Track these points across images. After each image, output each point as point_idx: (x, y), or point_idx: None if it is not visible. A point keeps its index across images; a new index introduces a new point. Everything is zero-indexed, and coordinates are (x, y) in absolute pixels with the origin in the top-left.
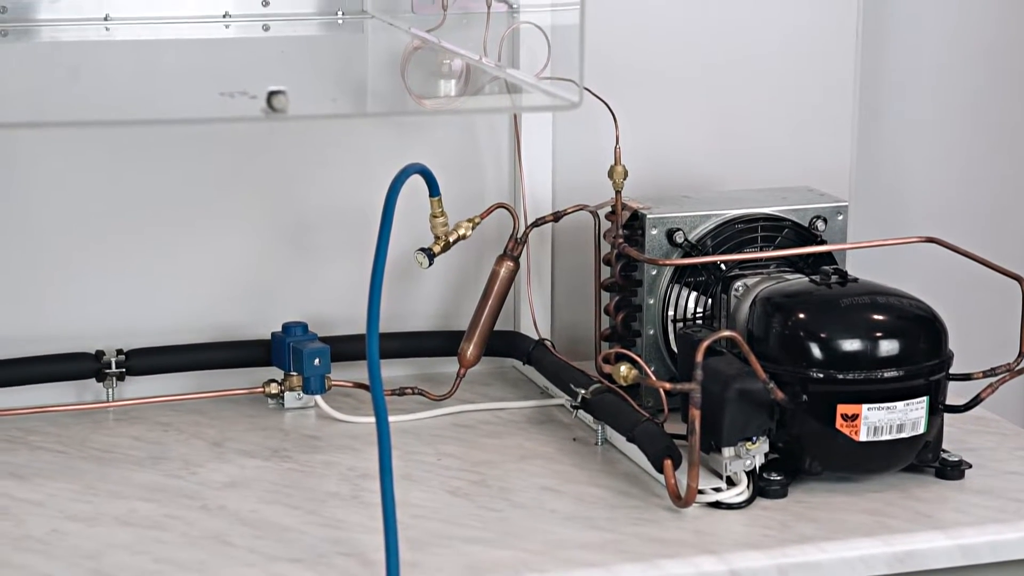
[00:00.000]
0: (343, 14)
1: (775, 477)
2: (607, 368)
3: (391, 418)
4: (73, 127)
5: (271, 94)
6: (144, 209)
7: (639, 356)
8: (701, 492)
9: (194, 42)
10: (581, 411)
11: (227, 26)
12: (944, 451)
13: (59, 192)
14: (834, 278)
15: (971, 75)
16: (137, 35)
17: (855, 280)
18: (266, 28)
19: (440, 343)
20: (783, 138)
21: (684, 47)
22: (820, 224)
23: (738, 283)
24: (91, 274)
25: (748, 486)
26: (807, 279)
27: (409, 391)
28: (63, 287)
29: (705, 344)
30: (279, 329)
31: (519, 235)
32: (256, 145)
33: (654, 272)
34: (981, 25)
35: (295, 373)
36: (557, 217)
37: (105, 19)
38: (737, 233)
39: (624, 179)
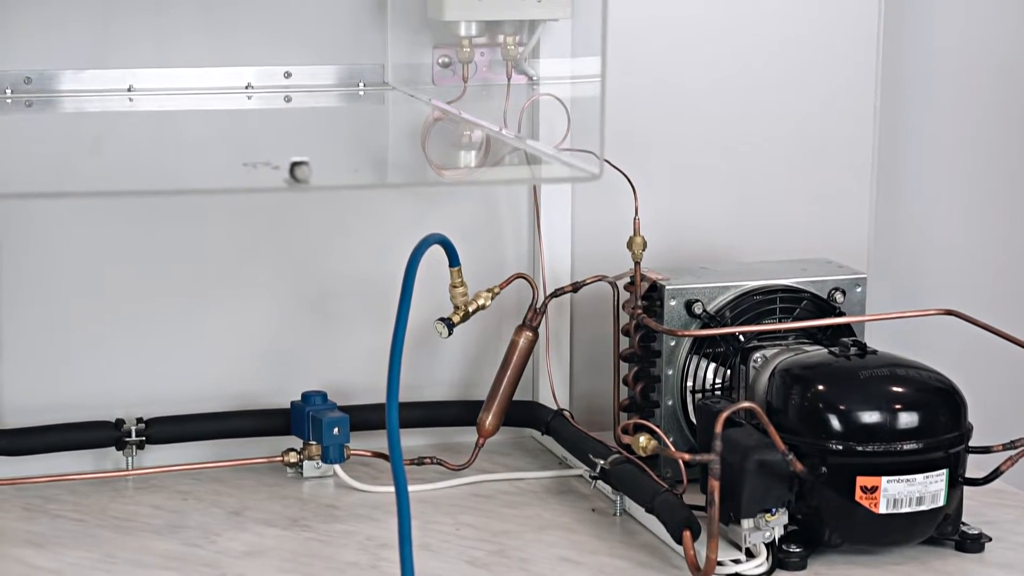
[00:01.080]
0: (364, 85)
1: (794, 549)
2: (626, 439)
3: (410, 487)
4: (96, 197)
5: (294, 164)
6: (165, 277)
7: (658, 427)
8: (720, 564)
9: (217, 113)
10: (600, 482)
11: (249, 97)
12: (964, 524)
13: (81, 260)
14: (853, 350)
15: (989, 148)
16: (160, 106)
17: (874, 352)
18: (288, 99)
19: (459, 412)
20: (801, 209)
21: (704, 119)
22: (839, 296)
23: (757, 354)
24: (112, 342)
25: (767, 558)
26: (826, 351)
27: (428, 461)
28: (84, 354)
29: (724, 415)
30: (298, 398)
31: (538, 305)
32: (277, 214)
33: (673, 343)
34: (999, 99)
35: (314, 442)
36: (576, 287)
37: (128, 90)
38: (756, 304)
39: (643, 250)
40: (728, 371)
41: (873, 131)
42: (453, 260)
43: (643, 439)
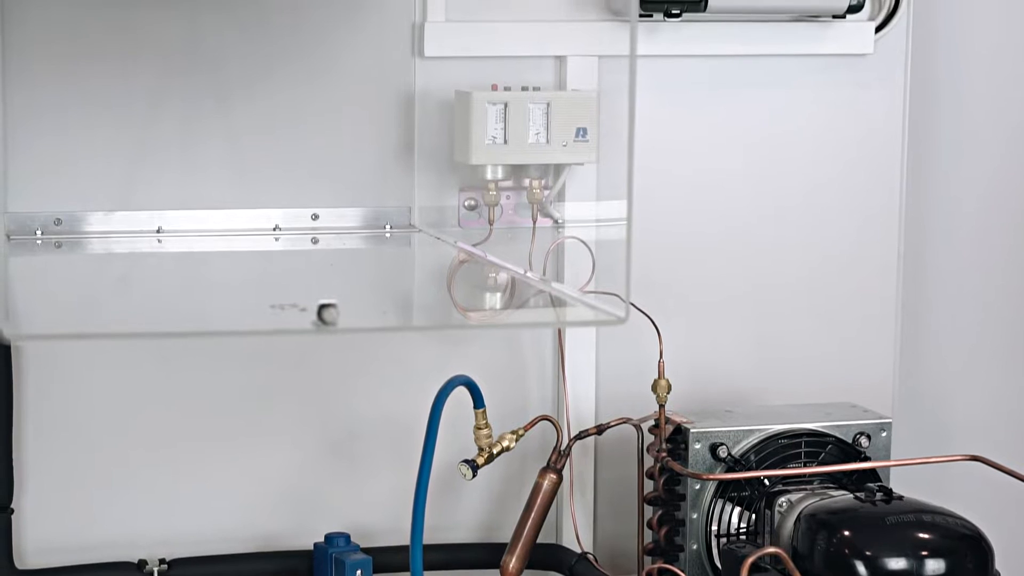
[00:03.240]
0: (391, 227)
1: None
2: None
3: None
4: (122, 339)
5: (322, 307)
6: (189, 417)
7: (682, 571)
8: None
9: (245, 254)
10: None
11: (277, 239)
12: None
13: (106, 401)
14: (879, 495)
15: (1012, 294)
16: (189, 247)
17: (900, 497)
18: (315, 241)
19: (483, 555)
20: (826, 352)
21: (728, 262)
22: (864, 440)
23: (782, 499)
24: (135, 482)
25: None
26: (852, 496)
27: None
28: (107, 495)
29: (749, 561)
30: (322, 539)
31: (562, 447)
32: (302, 355)
33: (697, 486)
34: (1022, 244)
35: None
36: (600, 430)
37: (158, 231)
38: (780, 448)
39: (667, 393)
40: (753, 515)
41: (897, 275)
42: (478, 402)
43: None
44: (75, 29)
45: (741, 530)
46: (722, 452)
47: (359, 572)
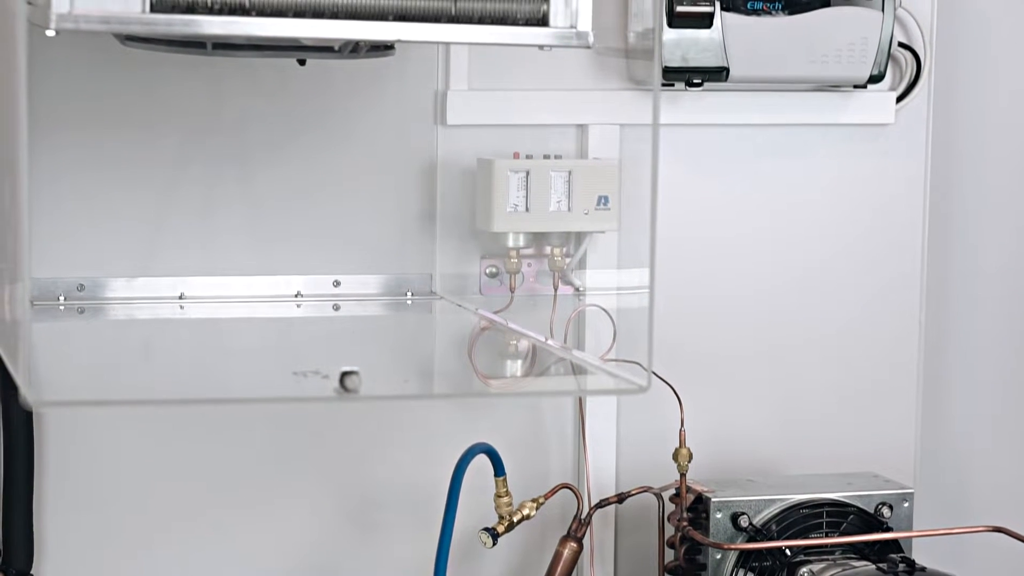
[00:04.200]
0: (412, 294)
1: None
2: None
3: None
4: (143, 406)
5: (344, 374)
6: (209, 484)
7: None
8: None
9: (267, 321)
10: None
11: (298, 305)
12: None
13: (127, 468)
14: (901, 566)
15: None
16: (211, 313)
17: (923, 569)
18: (337, 308)
19: None
20: (847, 421)
21: (748, 330)
22: (886, 511)
23: (804, 569)
24: (156, 549)
25: None
26: (874, 567)
27: None
28: (129, 562)
29: None
30: None
31: (583, 516)
32: (323, 422)
33: (719, 556)
34: None
35: None
36: (621, 498)
37: (180, 297)
38: (802, 518)
39: (689, 462)
40: None
41: (918, 343)
42: (498, 469)
43: None
44: (98, 94)
45: None
46: (743, 522)
47: None
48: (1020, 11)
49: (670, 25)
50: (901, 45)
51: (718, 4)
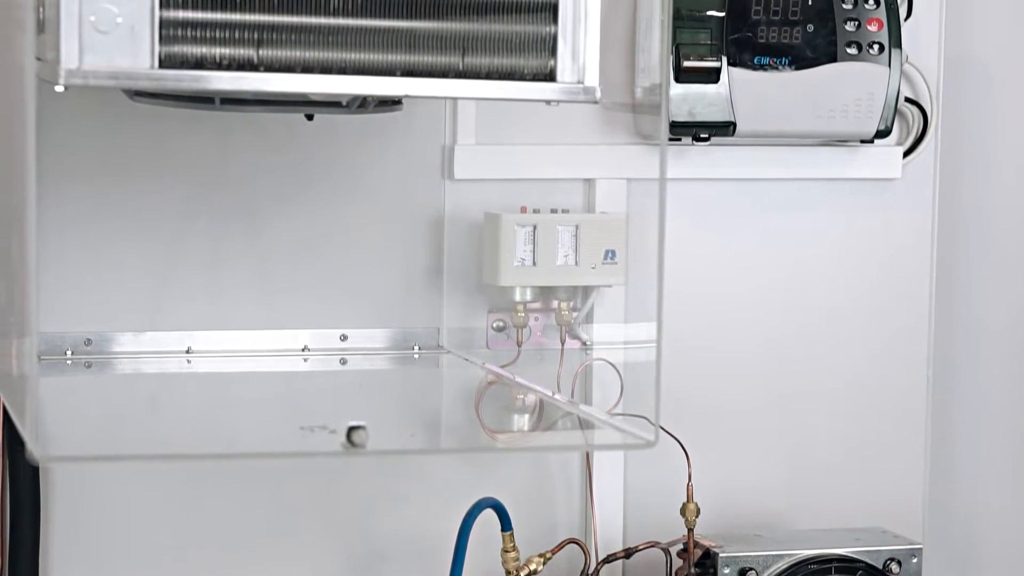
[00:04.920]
0: (419, 348)
1: None
2: None
3: None
4: (151, 461)
5: (351, 429)
6: (219, 539)
7: None
8: None
9: (274, 375)
10: None
11: (305, 359)
12: None
13: (134, 522)
14: None
15: None
16: (218, 368)
17: None
18: (343, 362)
19: None
20: (855, 475)
21: (756, 383)
22: (895, 566)
23: None
24: None
25: None
26: None
27: None
28: None
29: None
30: None
31: (590, 571)
32: (330, 476)
33: None
34: None
35: None
36: (628, 554)
37: (187, 351)
38: (810, 573)
39: (696, 516)
40: None
41: (926, 398)
42: (505, 524)
43: None
44: (106, 147)
45: None
46: None
47: None
48: None
49: (677, 80)
50: (908, 100)
51: (725, 59)
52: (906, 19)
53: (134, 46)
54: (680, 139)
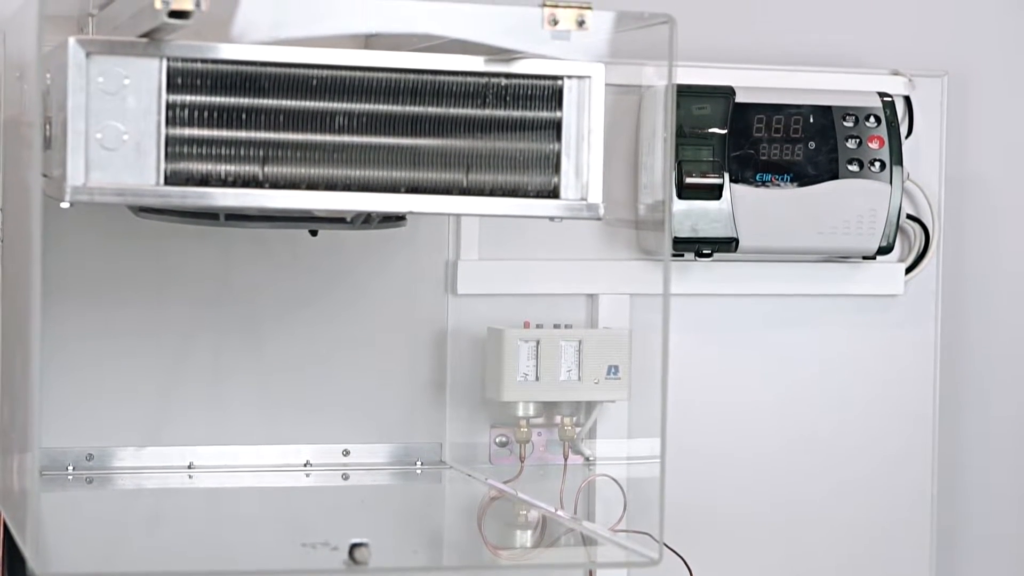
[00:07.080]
0: (422, 464)
1: None
2: None
3: None
4: None
5: (353, 546)
6: None
7: None
8: None
9: (275, 490)
10: None
11: (308, 475)
12: None
13: None
14: None
15: None
16: (220, 483)
17: None
18: (346, 477)
19: None
20: None
21: (758, 498)
22: None
23: None
24: None
25: None
26: None
27: None
28: None
29: None
30: None
31: None
32: None
33: None
34: None
35: None
36: None
37: (189, 467)
38: None
39: None
40: None
41: (930, 516)
42: None
43: None
44: (108, 262)
45: None
46: None
47: None
48: None
49: (680, 196)
50: (909, 217)
51: (727, 176)
52: (907, 136)
53: (140, 163)
54: (683, 255)
